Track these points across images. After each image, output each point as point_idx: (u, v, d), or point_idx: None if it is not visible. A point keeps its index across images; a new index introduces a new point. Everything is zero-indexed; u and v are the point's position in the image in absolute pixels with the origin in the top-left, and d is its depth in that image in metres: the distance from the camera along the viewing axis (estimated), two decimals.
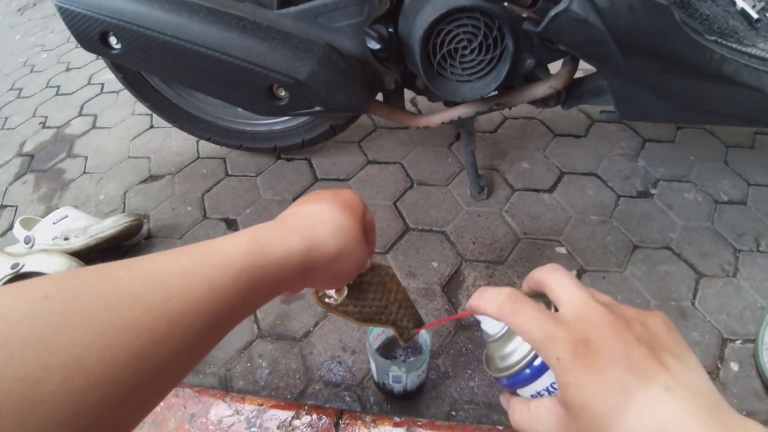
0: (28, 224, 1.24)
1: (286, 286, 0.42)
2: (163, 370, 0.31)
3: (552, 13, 0.77)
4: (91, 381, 0.26)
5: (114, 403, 0.27)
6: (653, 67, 0.84)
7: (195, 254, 0.36)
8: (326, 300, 0.57)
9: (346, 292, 0.56)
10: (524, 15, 0.83)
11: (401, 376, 0.83)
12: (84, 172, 1.55)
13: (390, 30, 0.95)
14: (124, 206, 1.41)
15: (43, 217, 1.26)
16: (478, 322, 0.42)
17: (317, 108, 0.95)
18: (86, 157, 1.62)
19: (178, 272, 0.33)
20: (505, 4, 0.82)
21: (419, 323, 0.64)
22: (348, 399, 0.94)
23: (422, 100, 1.67)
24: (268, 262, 0.39)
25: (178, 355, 0.32)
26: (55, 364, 0.25)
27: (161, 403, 0.33)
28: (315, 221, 0.46)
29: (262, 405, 0.85)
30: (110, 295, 0.29)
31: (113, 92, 1.93)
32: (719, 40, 0.82)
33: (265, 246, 0.39)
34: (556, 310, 0.38)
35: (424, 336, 0.85)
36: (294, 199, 1.34)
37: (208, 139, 1.42)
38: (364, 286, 0.58)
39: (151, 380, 0.30)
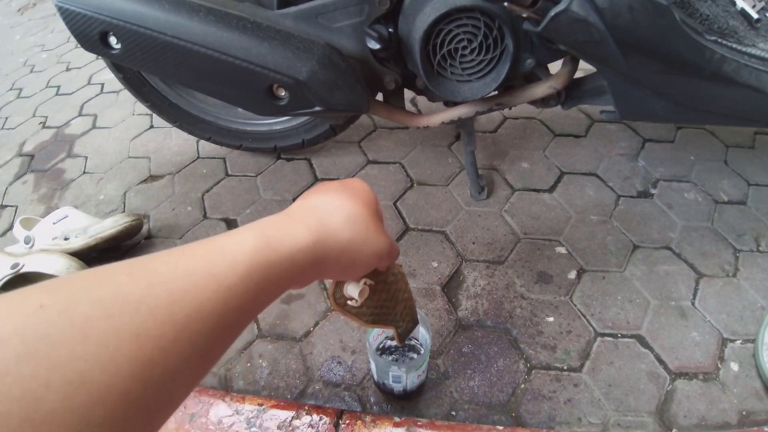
0: (28, 224, 1.24)
1: (296, 280, 0.40)
2: (173, 379, 0.29)
3: (552, 13, 0.77)
4: (95, 396, 0.24)
5: (121, 418, 0.25)
6: (653, 67, 0.84)
7: (198, 254, 0.33)
8: (348, 303, 0.54)
9: (367, 293, 0.53)
10: (524, 15, 0.83)
11: (401, 376, 0.83)
12: (84, 172, 1.55)
13: (390, 30, 0.95)
14: (124, 206, 1.41)
15: (43, 217, 1.26)
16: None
17: (317, 108, 0.95)
18: (86, 157, 1.62)
19: (181, 274, 0.31)
20: (505, 4, 0.82)
21: (416, 322, 0.64)
22: (348, 399, 0.94)
23: (422, 100, 1.67)
24: (277, 257, 0.37)
25: (187, 361, 0.30)
26: (55, 380, 0.23)
27: None
28: (322, 212, 0.44)
29: (262, 405, 0.85)
30: (110, 301, 0.27)
31: (113, 92, 1.93)
32: (719, 40, 0.82)
33: (272, 240, 0.37)
34: None
35: (424, 336, 0.85)
36: (294, 199, 1.35)
37: (208, 139, 1.42)
38: (379, 285, 0.56)
39: (160, 390, 0.28)
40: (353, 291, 0.52)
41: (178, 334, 0.29)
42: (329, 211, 0.44)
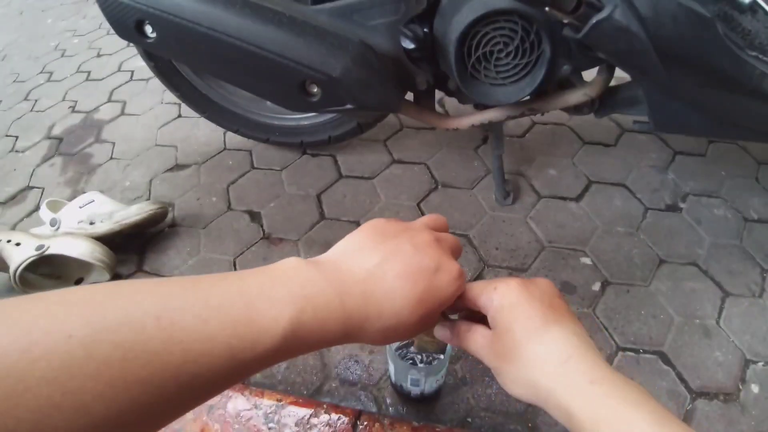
0: (54, 207, 1.25)
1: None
2: (167, 418, 0.33)
3: (594, 20, 0.75)
4: (95, 423, 0.28)
5: None
6: (693, 80, 0.82)
7: (229, 318, 0.34)
8: None
9: None
10: (565, 21, 0.82)
11: (420, 379, 0.83)
12: (111, 158, 1.57)
13: (425, 30, 0.95)
14: (150, 193, 1.43)
15: (69, 200, 1.27)
16: None
17: (348, 106, 0.94)
18: (114, 143, 1.63)
19: (204, 336, 0.33)
20: (546, 9, 0.81)
21: (441, 351, 0.62)
22: (364, 399, 0.93)
23: (449, 102, 1.66)
24: (301, 344, 0.38)
25: (180, 406, 0.33)
26: (65, 404, 0.27)
27: None
28: (372, 314, 0.41)
29: (280, 401, 0.85)
30: (129, 347, 0.30)
31: (143, 80, 1.94)
32: (760, 56, 0.80)
33: (302, 330, 0.37)
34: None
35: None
36: (318, 196, 1.34)
37: (235, 131, 1.42)
38: None
39: (153, 425, 0.32)
40: None
41: (180, 388, 0.32)
42: (380, 314, 0.42)
